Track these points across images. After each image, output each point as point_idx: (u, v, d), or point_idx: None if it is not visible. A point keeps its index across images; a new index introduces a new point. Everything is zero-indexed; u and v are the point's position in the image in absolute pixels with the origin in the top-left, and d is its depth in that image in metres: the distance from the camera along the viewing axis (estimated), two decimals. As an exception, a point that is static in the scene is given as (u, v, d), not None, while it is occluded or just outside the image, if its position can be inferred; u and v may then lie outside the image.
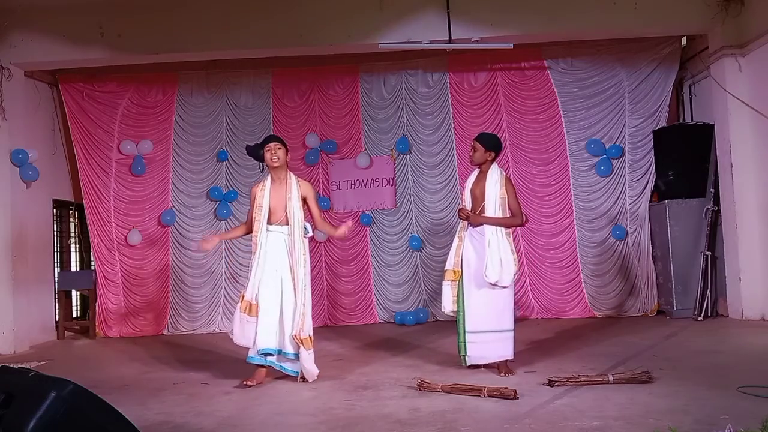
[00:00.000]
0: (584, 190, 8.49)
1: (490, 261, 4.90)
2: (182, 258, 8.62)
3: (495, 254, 4.91)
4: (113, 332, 8.41)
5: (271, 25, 7.36)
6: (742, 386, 3.95)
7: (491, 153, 5.12)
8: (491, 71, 8.69)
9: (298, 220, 4.99)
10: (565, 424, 3.46)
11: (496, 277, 4.88)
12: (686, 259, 7.74)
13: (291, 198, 5.00)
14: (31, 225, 7.81)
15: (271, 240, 4.99)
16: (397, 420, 3.70)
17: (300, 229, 5.01)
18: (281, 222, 5.01)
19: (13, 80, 7.49)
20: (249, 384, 4.84)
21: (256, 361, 4.96)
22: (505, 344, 4.93)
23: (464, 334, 5.03)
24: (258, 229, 4.98)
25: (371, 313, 8.62)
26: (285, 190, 5.03)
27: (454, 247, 5.19)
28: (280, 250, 4.99)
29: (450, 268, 5.14)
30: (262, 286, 4.93)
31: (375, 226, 8.74)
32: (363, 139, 8.81)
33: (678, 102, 8.76)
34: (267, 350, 4.91)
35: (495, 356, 4.95)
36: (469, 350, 5.02)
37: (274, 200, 5.01)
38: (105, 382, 5.16)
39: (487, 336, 4.94)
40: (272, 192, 5.02)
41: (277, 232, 5.01)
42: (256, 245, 4.98)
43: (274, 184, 5.05)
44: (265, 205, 4.99)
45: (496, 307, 4.96)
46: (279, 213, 5.01)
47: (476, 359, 5.03)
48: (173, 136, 8.78)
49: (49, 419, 2.38)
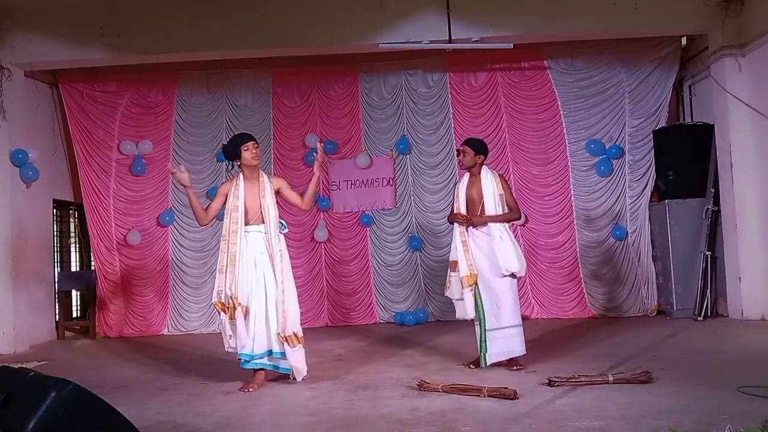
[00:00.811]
0: (584, 190, 8.49)
1: (506, 254, 5.06)
2: (182, 258, 8.62)
3: (509, 246, 5.08)
4: (113, 332, 8.41)
5: (271, 25, 7.37)
6: (742, 386, 3.95)
7: (480, 156, 5.29)
8: (491, 71, 8.69)
9: (273, 218, 4.92)
10: (565, 424, 3.46)
11: (516, 266, 5.06)
12: (686, 259, 7.74)
13: (265, 196, 4.91)
14: (31, 225, 7.81)
15: (250, 240, 4.90)
16: (397, 420, 3.70)
17: (276, 226, 4.94)
18: (257, 221, 4.93)
19: (13, 80, 7.49)
20: (250, 389, 4.78)
21: (251, 366, 4.91)
22: (521, 339, 5.11)
23: (485, 333, 5.12)
24: (235, 230, 4.85)
25: (371, 313, 8.62)
26: (258, 189, 4.94)
27: (462, 252, 5.18)
28: (259, 250, 4.91)
29: (467, 273, 5.13)
30: (244, 288, 4.82)
31: (375, 226, 8.74)
32: (363, 139, 8.81)
33: (678, 102, 8.76)
34: (260, 354, 4.88)
35: (517, 350, 5.10)
36: (490, 348, 5.09)
37: (249, 200, 4.91)
38: (105, 382, 5.17)
39: (506, 332, 5.08)
40: (247, 191, 4.92)
41: (255, 232, 4.92)
42: (231, 244, 4.82)
43: (247, 183, 4.95)
44: (240, 205, 4.88)
45: (508, 303, 5.10)
46: (254, 212, 4.93)
47: (497, 356, 5.11)
48: (173, 136, 8.79)
49: (49, 419, 2.38)
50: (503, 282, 5.11)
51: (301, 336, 4.92)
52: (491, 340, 5.10)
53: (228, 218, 4.90)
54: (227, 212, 4.91)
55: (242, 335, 4.81)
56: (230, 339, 4.86)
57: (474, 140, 5.44)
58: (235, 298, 4.78)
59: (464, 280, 5.13)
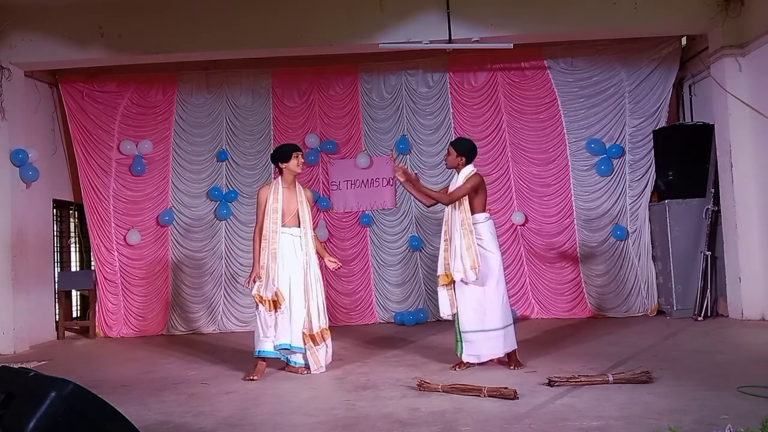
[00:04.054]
0: (584, 190, 8.49)
1: (453, 258, 5.04)
2: (182, 258, 8.62)
3: (456, 252, 5.04)
4: (113, 332, 8.41)
5: (271, 25, 7.37)
6: (742, 386, 3.95)
7: (462, 158, 5.24)
8: (491, 71, 8.69)
9: (308, 222, 5.36)
10: (565, 424, 3.46)
11: (460, 274, 5.02)
12: (686, 259, 7.74)
13: (302, 202, 5.37)
14: (31, 225, 7.82)
15: (284, 241, 5.28)
16: (397, 420, 3.70)
17: (311, 230, 5.36)
18: (293, 224, 5.33)
19: (13, 80, 7.49)
20: (255, 378, 5.09)
21: (269, 355, 5.24)
22: (501, 341, 5.04)
23: (459, 333, 5.15)
24: (274, 230, 5.24)
25: (371, 313, 8.62)
26: (296, 195, 5.37)
27: (442, 250, 5.23)
28: (292, 250, 5.29)
29: (442, 272, 5.18)
30: (280, 283, 5.20)
31: (375, 226, 8.74)
32: (363, 139, 8.81)
33: (678, 102, 8.76)
34: (282, 345, 5.24)
35: (497, 353, 5.08)
36: (466, 349, 5.11)
37: (287, 203, 5.32)
38: (105, 382, 5.17)
39: (489, 334, 5.05)
40: (285, 196, 5.32)
41: (289, 234, 5.31)
42: (270, 244, 5.21)
43: (286, 188, 5.36)
44: (279, 207, 5.28)
45: (490, 305, 5.05)
46: (291, 215, 5.33)
47: (473, 357, 5.12)
48: (173, 136, 8.79)
49: (49, 419, 2.38)
50: (474, 287, 5.05)
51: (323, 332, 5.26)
52: (467, 341, 5.10)
53: (268, 219, 5.28)
54: (267, 213, 5.30)
55: (280, 326, 5.20)
56: (270, 330, 5.20)
57: (459, 141, 5.42)
58: (280, 292, 5.17)
59: (440, 278, 5.19)
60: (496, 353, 5.09)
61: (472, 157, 5.29)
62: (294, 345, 5.21)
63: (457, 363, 5.19)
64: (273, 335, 5.21)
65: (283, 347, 5.23)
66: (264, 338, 5.22)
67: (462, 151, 5.23)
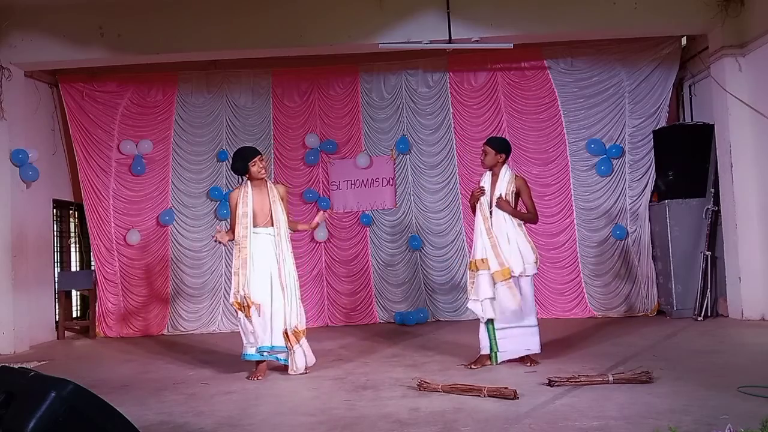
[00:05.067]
0: (584, 190, 8.49)
1: (512, 253, 5.10)
2: (182, 258, 8.62)
3: (514, 245, 5.13)
4: (113, 332, 8.41)
5: (271, 25, 7.37)
6: (742, 386, 3.94)
7: (502, 155, 5.27)
8: (491, 71, 8.69)
9: (282, 222, 5.28)
10: (565, 424, 3.46)
11: (520, 268, 5.08)
12: (686, 259, 7.73)
13: (274, 201, 5.28)
14: (31, 225, 7.81)
15: (259, 242, 5.23)
16: (397, 420, 3.69)
17: (285, 229, 5.29)
18: (266, 224, 5.27)
19: (13, 80, 7.49)
20: (258, 377, 5.12)
21: (254, 358, 5.25)
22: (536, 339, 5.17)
23: (494, 331, 5.18)
24: (245, 235, 5.19)
25: (371, 313, 8.62)
26: (267, 194, 5.30)
27: (490, 246, 5.15)
28: (267, 250, 5.24)
29: (498, 269, 5.10)
30: (253, 286, 5.15)
31: (375, 226, 8.74)
32: (363, 139, 8.81)
33: (678, 102, 8.76)
34: (264, 348, 5.24)
35: (533, 349, 5.17)
36: (501, 346, 5.17)
37: (257, 204, 5.26)
38: (105, 382, 5.17)
39: (523, 330, 5.17)
40: (255, 197, 5.26)
41: (264, 234, 5.26)
42: (241, 251, 5.18)
43: (255, 189, 5.29)
44: (249, 211, 5.22)
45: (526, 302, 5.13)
46: (263, 216, 5.27)
47: (510, 354, 5.19)
48: (173, 136, 8.79)
49: (49, 419, 2.38)
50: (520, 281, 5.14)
51: (301, 331, 5.25)
52: (502, 338, 5.16)
53: (239, 224, 5.23)
54: (238, 218, 5.24)
55: (258, 331, 5.15)
56: (250, 335, 5.19)
57: (495, 139, 5.46)
58: (248, 297, 5.11)
59: (496, 275, 5.09)
60: (533, 349, 5.16)
61: (509, 152, 5.35)
62: (275, 345, 5.21)
63: (473, 361, 5.23)
64: (253, 340, 5.21)
65: (265, 349, 5.22)
66: (247, 343, 5.26)
67: (501, 149, 5.27)
